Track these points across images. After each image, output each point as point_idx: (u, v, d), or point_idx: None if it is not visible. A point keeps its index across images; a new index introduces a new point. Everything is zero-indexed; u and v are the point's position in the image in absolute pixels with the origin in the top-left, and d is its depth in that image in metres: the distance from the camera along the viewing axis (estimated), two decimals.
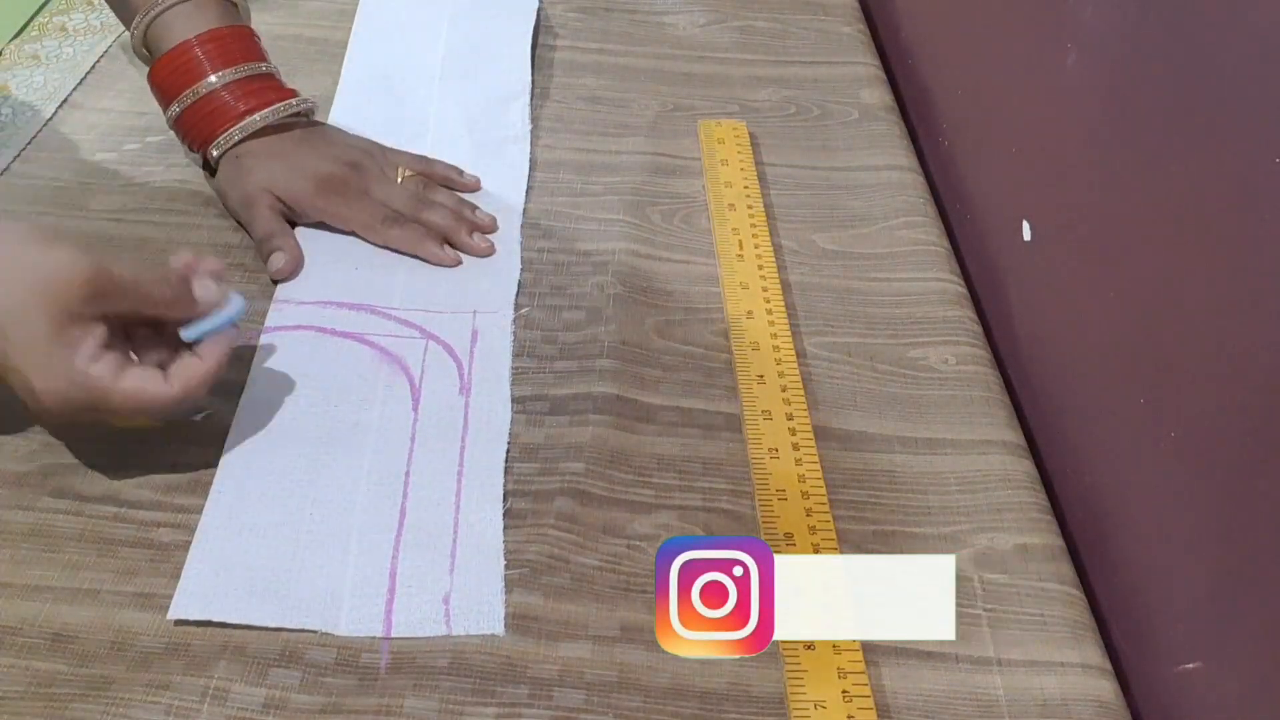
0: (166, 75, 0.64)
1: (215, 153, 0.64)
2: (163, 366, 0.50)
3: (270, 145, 0.64)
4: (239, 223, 0.66)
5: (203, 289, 0.51)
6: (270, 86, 0.65)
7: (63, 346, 0.46)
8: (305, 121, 0.67)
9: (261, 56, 0.66)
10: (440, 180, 0.69)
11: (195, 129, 0.65)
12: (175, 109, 0.64)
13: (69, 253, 0.46)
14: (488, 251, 0.65)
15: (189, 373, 0.49)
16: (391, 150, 0.68)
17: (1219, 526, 0.44)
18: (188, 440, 0.54)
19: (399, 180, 0.66)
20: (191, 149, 0.67)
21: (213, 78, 0.63)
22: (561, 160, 0.73)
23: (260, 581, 0.48)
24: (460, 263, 0.65)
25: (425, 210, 0.65)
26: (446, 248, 0.65)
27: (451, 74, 0.80)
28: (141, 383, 0.48)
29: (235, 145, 0.64)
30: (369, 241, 0.65)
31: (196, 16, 0.64)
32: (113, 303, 0.47)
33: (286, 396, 0.56)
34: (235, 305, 0.52)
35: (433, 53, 0.81)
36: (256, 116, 0.64)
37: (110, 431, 0.51)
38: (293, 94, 0.66)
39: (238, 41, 0.65)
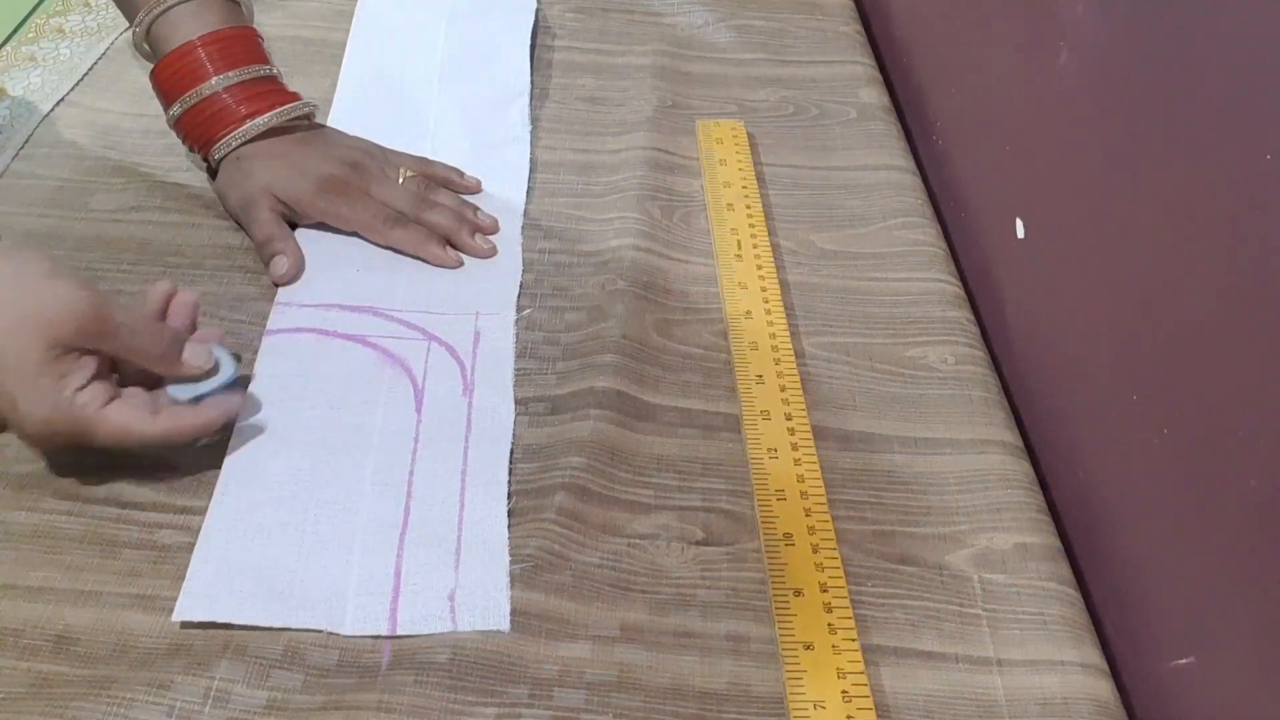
0: (169, 76, 0.64)
1: (216, 155, 0.65)
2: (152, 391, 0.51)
3: (271, 147, 0.64)
4: (239, 225, 0.66)
5: (192, 353, 0.52)
6: (272, 89, 0.65)
7: (52, 376, 0.47)
8: (306, 124, 0.67)
9: (264, 59, 0.66)
10: (441, 181, 0.69)
11: (196, 131, 0.65)
12: (176, 110, 0.64)
13: (69, 288, 0.48)
14: (489, 253, 0.65)
15: (179, 422, 0.50)
16: (392, 151, 0.68)
17: (1210, 522, 0.45)
18: (190, 442, 0.54)
19: (400, 181, 0.66)
20: (192, 150, 0.67)
21: (215, 80, 0.63)
22: (561, 161, 0.74)
23: (265, 582, 0.48)
24: (462, 264, 0.65)
25: (427, 211, 0.66)
26: (449, 249, 0.65)
27: (450, 75, 0.80)
28: (126, 419, 0.49)
29: (236, 148, 0.64)
30: (371, 242, 0.65)
31: (200, 16, 0.64)
32: (104, 343, 0.49)
33: (289, 399, 0.56)
34: (226, 372, 0.53)
35: (431, 54, 0.81)
36: (259, 120, 0.64)
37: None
38: (295, 97, 0.66)
39: (241, 43, 0.65)
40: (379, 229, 0.65)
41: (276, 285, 0.62)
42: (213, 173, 0.67)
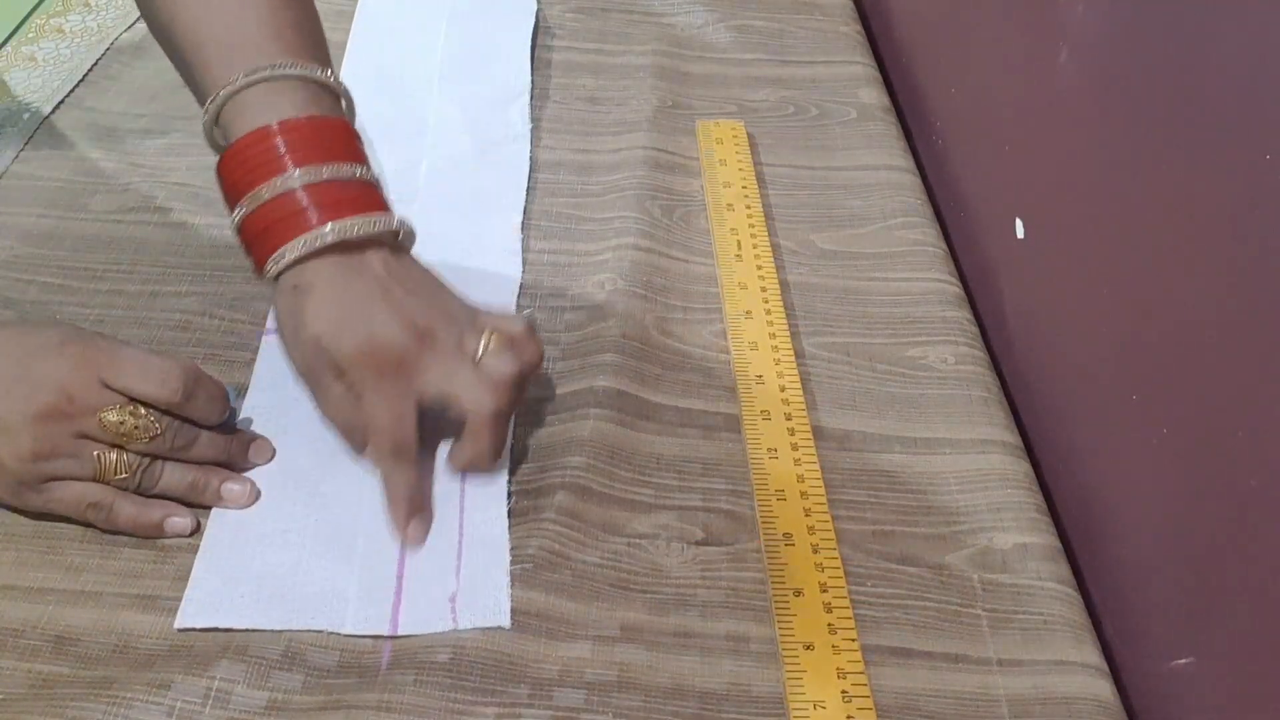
0: (235, 168, 0.50)
1: (270, 273, 0.50)
2: None
3: (336, 277, 0.49)
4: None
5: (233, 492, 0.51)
6: (364, 196, 0.50)
7: (33, 447, 0.47)
8: (390, 253, 0.51)
9: (360, 158, 0.51)
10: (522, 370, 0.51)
11: (258, 240, 0.50)
12: (240, 212, 0.50)
13: (59, 363, 0.47)
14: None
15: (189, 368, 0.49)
16: (484, 313, 0.52)
17: (1210, 523, 0.45)
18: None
19: (479, 353, 0.49)
20: (256, 271, 0.51)
21: (295, 173, 0.49)
22: (561, 161, 0.74)
23: (266, 587, 0.48)
24: (421, 544, 0.50)
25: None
26: (412, 526, 0.50)
27: (451, 74, 0.80)
28: (75, 513, 0.49)
29: (292, 266, 0.49)
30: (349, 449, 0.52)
31: (280, 98, 0.50)
32: (87, 415, 0.47)
33: (289, 401, 0.56)
34: (233, 415, 0.53)
35: (432, 53, 0.82)
36: (327, 228, 0.48)
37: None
38: (386, 209, 0.51)
39: (334, 135, 0.51)
40: (380, 448, 0.50)
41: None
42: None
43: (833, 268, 0.67)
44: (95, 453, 0.48)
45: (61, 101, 0.75)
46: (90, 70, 0.78)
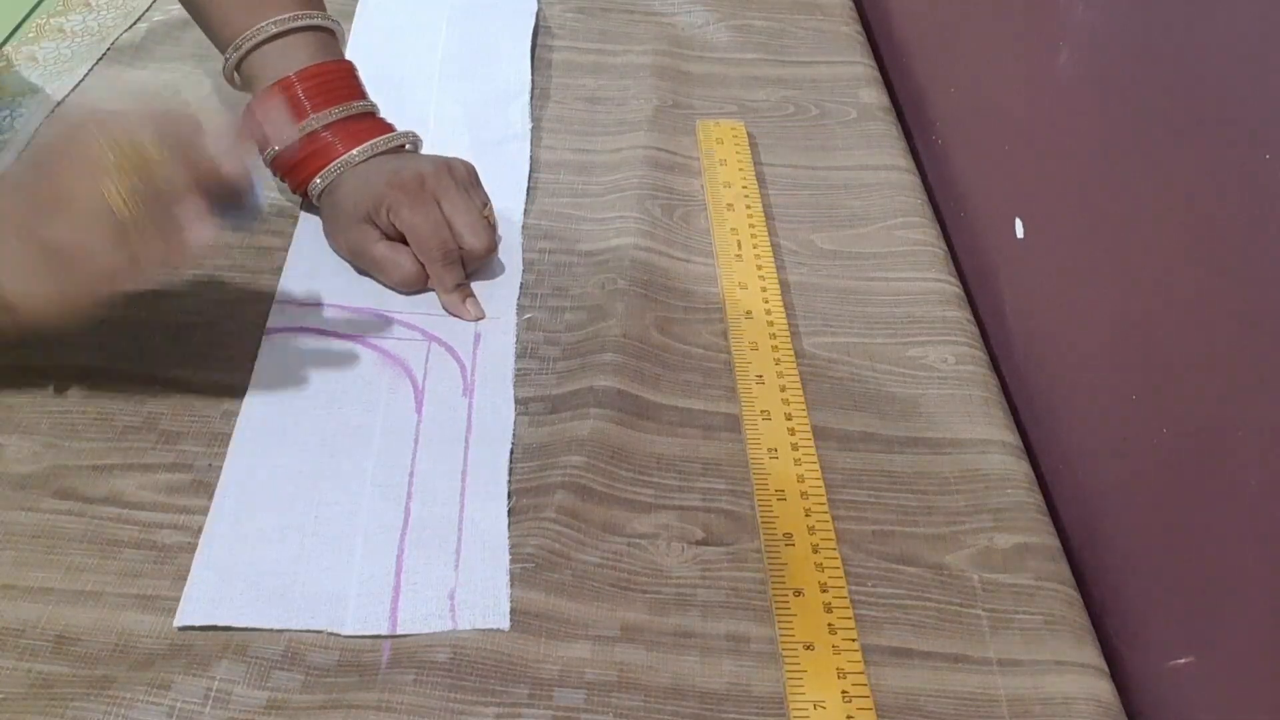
0: (264, 113, 0.62)
1: (315, 193, 0.63)
2: None
3: (360, 170, 0.62)
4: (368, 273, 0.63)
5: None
6: (369, 126, 0.63)
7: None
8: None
9: (361, 94, 0.65)
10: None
11: (294, 170, 0.63)
12: (271, 151, 0.63)
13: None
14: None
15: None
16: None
17: (1210, 522, 0.45)
18: (190, 441, 0.54)
19: (482, 209, 0.63)
20: (294, 190, 0.65)
21: (313, 118, 0.62)
22: (562, 161, 0.74)
23: (265, 585, 0.48)
24: (484, 316, 0.62)
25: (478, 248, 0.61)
26: (469, 302, 0.61)
27: (451, 74, 0.80)
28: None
29: (332, 181, 0.62)
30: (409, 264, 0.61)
31: (295, 51, 0.62)
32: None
33: (290, 400, 0.56)
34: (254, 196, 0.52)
35: (432, 53, 0.82)
36: (354, 152, 0.62)
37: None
38: (391, 128, 0.65)
39: (338, 78, 0.63)
40: (430, 252, 0.60)
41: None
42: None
43: (833, 268, 0.67)
44: None
45: (61, 101, 0.75)
46: (90, 71, 0.78)
